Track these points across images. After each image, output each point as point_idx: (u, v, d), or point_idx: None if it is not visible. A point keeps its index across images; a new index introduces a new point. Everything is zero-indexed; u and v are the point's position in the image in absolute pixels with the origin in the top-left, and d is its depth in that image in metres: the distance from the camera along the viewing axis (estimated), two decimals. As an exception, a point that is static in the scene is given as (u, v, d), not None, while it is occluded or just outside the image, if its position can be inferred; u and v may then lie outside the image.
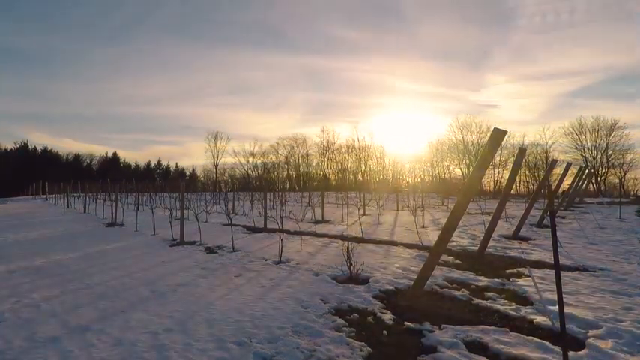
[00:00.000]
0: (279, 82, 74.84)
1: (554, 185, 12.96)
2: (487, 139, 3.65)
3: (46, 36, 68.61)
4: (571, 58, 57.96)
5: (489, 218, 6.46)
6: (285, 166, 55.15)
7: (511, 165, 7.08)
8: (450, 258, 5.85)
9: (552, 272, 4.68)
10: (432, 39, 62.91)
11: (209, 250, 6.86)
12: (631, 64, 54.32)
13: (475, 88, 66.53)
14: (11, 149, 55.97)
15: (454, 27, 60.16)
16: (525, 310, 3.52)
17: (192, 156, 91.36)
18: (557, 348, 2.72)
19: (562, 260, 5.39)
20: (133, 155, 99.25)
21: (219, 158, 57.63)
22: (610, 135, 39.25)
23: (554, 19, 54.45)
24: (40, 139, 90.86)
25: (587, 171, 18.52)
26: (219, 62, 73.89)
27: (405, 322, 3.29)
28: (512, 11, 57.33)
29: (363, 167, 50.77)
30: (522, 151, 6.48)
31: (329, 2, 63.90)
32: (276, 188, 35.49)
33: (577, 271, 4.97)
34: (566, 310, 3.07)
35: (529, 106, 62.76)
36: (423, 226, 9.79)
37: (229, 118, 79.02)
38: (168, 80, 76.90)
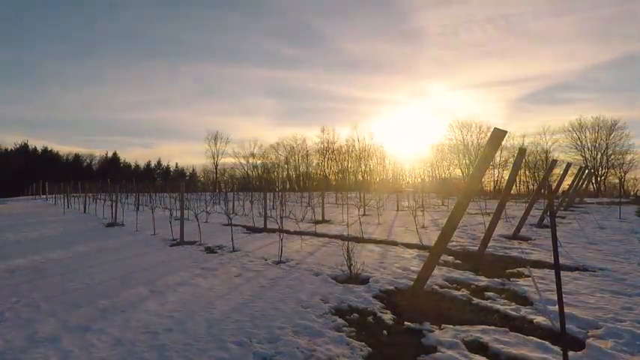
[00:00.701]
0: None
1: (554, 185, 12.96)
2: (487, 139, 3.65)
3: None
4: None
5: (489, 218, 6.46)
6: (285, 166, 55.21)
7: (511, 165, 7.07)
8: (450, 258, 5.85)
9: (552, 272, 4.68)
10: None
11: (209, 250, 6.86)
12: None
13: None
14: (11, 149, 56.02)
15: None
16: (525, 310, 3.52)
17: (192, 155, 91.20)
18: (557, 348, 2.72)
19: (562, 260, 5.39)
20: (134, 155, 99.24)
21: (219, 158, 57.74)
22: (610, 135, 39.30)
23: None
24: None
25: (587, 171, 18.53)
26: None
27: (405, 322, 3.29)
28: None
29: (363, 167, 50.81)
30: (522, 151, 6.48)
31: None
32: (276, 188, 35.49)
33: (577, 271, 4.97)
34: (566, 310, 3.07)
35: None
36: (423, 226, 9.79)
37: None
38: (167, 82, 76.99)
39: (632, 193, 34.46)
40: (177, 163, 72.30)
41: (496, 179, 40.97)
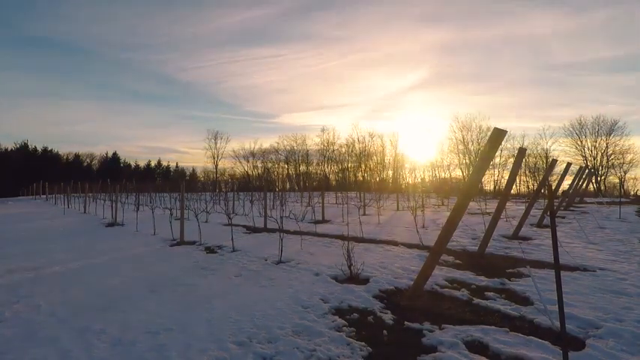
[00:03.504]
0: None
1: (554, 185, 12.96)
2: (487, 138, 3.65)
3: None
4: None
5: (489, 218, 6.45)
6: (286, 165, 55.22)
7: (511, 165, 7.07)
8: (450, 258, 5.85)
9: (552, 272, 4.69)
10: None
11: (209, 250, 6.86)
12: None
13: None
14: (11, 149, 56.00)
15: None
16: (525, 310, 3.52)
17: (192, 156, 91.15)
18: (557, 348, 2.72)
19: (562, 260, 5.40)
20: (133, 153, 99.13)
21: (219, 158, 57.75)
22: (610, 135, 39.29)
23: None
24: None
25: (587, 171, 18.52)
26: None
27: (405, 322, 3.29)
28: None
29: (363, 167, 50.78)
30: (522, 151, 6.47)
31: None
32: (276, 188, 35.46)
33: (577, 271, 4.97)
34: (566, 310, 3.07)
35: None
36: (423, 226, 9.79)
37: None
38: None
39: (632, 193, 34.47)
40: (177, 163, 72.52)
41: (496, 179, 41.00)
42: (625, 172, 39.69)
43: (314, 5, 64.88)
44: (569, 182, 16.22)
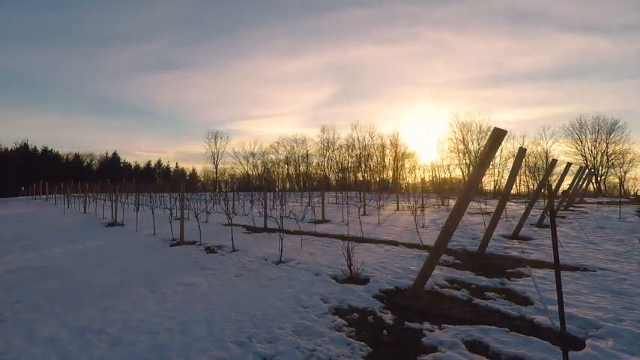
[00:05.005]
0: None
1: (554, 185, 12.95)
2: (487, 138, 3.65)
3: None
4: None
5: (489, 218, 6.45)
6: (286, 165, 55.23)
7: (511, 165, 7.07)
8: (450, 258, 5.85)
9: (552, 272, 4.69)
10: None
11: (209, 250, 6.86)
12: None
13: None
14: (11, 149, 55.99)
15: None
16: (525, 310, 3.52)
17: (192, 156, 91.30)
18: (557, 348, 2.72)
19: (562, 260, 5.40)
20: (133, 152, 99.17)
21: (219, 158, 57.75)
22: (610, 135, 39.28)
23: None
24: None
25: (587, 171, 18.52)
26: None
27: (405, 322, 3.29)
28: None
29: (364, 167, 50.77)
30: (522, 151, 6.47)
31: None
32: (276, 188, 35.47)
33: (577, 271, 4.97)
34: (567, 310, 3.07)
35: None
36: (423, 226, 9.79)
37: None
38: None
39: (632, 193, 34.45)
40: (177, 163, 72.52)
41: (496, 179, 40.99)
42: (625, 172, 39.71)
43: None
44: (569, 182, 16.24)
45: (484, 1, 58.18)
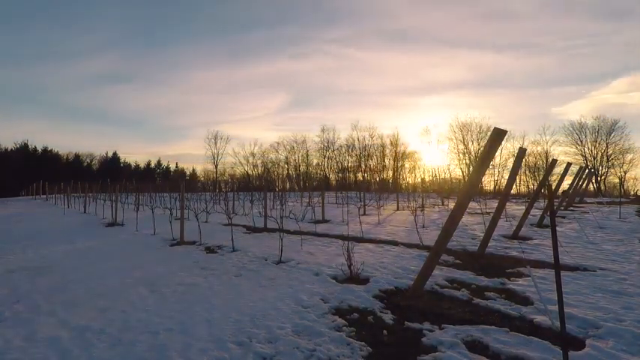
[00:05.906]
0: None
1: (554, 185, 12.95)
2: (487, 138, 3.65)
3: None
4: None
5: (489, 218, 6.46)
6: (286, 165, 55.21)
7: (511, 165, 7.07)
8: (450, 258, 5.85)
9: (552, 272, 4.69)
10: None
11: (209, 250, 6.86)
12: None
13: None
14: (11, 149, 55.97)
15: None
16: (525, 310, 3.52)
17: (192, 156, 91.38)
18: (557, 348, 2.72)
19: (562, 260, 5.39)
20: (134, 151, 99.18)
21: (219, 158, 57.74)
22: (610, 135, 39.28)
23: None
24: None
25: (587, 171, 18.52)
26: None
27: (405, 322, 3.29)
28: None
29: (364, 167, 50.77)
30: (522, 151, 6.47)
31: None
32: (276, 188, 35.47)
33: (577, 271, 4.97)
34: (567, 310, 3.07)
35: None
36: (423, 226, 9.78)
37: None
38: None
39: (632, 193, 34.45)
40: (177, 163, 72.50)
41: (496, 179, 40.98)
42: (625, 172, 39.71)
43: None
44: (569, 182, 16.24)
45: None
